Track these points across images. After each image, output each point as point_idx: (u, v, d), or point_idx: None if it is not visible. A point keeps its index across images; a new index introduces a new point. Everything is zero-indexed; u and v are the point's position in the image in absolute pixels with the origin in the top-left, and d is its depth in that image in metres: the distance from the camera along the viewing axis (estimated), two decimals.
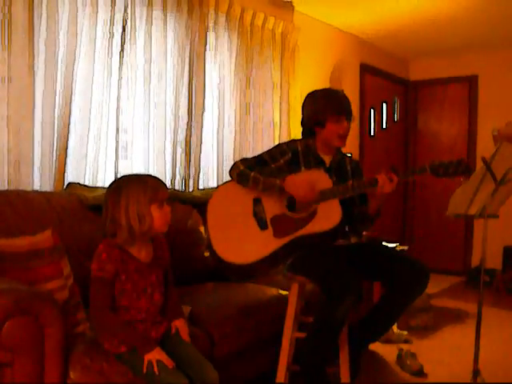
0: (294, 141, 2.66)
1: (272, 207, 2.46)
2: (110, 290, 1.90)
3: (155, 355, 1.83)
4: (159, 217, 1.94)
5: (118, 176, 2.87)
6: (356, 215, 2.58)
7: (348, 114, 2.53)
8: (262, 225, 2.45)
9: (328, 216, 2.38)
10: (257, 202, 2.48)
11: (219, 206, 2.53)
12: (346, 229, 2.58)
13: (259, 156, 2.58)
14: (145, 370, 1.81)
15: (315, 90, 2.66)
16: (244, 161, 2.53)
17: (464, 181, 2.40)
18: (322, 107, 2.53)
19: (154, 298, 1.98)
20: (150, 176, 2.03)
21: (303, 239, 2.41)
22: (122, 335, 1.89)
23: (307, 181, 2.39)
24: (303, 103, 2.64)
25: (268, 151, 2.61)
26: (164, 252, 2.10)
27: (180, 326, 2.04)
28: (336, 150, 2.64)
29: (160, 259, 2.06)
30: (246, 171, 2.45)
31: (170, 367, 1.82)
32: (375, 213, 2.53)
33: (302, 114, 2.64)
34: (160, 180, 2.02)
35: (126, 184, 1.94)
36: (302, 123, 2.66)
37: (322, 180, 2.43)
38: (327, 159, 2.60)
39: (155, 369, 1.80)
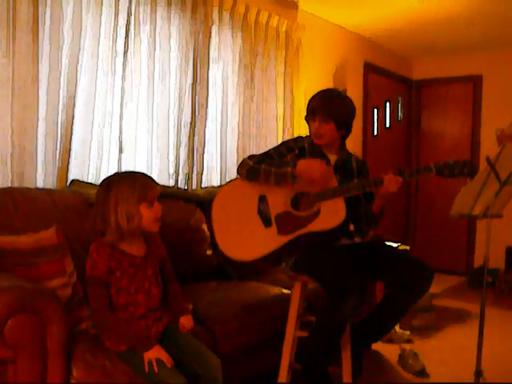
0: (300, 138, 2.66)
1: (277, 205, 2.46)
2: (106, 289, 1.91)
3: (155, 353, 1.84)
4: (149, 216, 1.96)
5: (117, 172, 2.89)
6: (362, 215, 2.58)
7: (318, 114, 2.51)
8: (267, 222, 2.46)
9: (332, 214, 2.38)
10: (262, 199, 2.49)
11: (224, 203, 2.55)
12: (351, 228, 2.58)
13: (266, 153, 2.60)
14: (146, 369, 1.82)
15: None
16: (252, 157, 2.54)
17: (469, 181, 2.40)
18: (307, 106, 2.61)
19: (151, 291, 2.00)
20: (140, 174, 2.03)
21: (307, 237, 2.41)
22: (121, 334, 1.90)
23: (319, 162, 2.40)
24: None
25: (274, 148, 2.63)
26: (158, 246, 2.11)
27: (185, 322, 2.05)
28: (340, 148, 2.64)
29: (154, 253, 2.07)
30: (256, 166, 2.46)
31: (168, 366, 1.82)
32: (379, 212, 2.53)
33: None
34: (150, 178, 2.03)
35: (115, 182, 1.96)
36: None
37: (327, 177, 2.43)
38: (332, 158, 2.60)
39: (155, 367, 1.81)
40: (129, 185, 1.93)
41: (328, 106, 2.53)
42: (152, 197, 1.96)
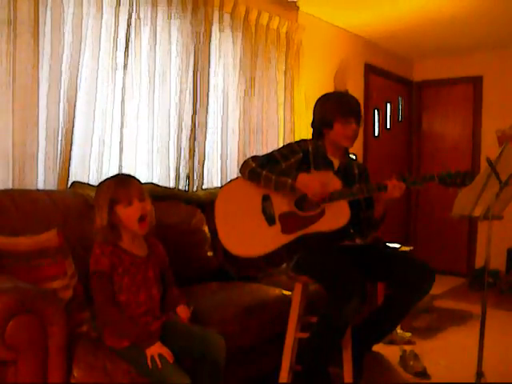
0: (304, 141, 2.67)
1: (281, 204, 2.47)
2: (110, 283, 1.94)
3: (156, 349, 1.86)
4: (127, 215, 1.98)
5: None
6: (362, 219, 2.58)
7: (357, 116, 2.54)
8: (271, 220, 2.46)
9: (336, 216, 2.39)
10: (266, 198, 2.50)
11: (228, 200, 2.55)
12: (351, 230, 2.58)
13: (270, 154, 2.59)
14: (150, 366, 1.83)
15: (326, 93, 2.70)
16: (255, 158, 2.53)
17: None
18: (331, 109, 2.56)
19: (152, 292, 2.03)
20: (120, 175, 2.11)
21: (310, 237, 2.41)
22: (124, 328, 1.92)
23: (319, 179, 2.40)
24: (314, 106, 2.66)
25: (279, 150, 2.62)
26: (159, 252, 2.14)
27: (181, 311, 2.08)
28: (344, 152, 2.65)
29: (155, 256, 2.10)
30: (258, 169, 2.46)
31: (170, 362, 1.84)
32: (381, 217, 2.54)
33: (313, 116, 2.66)
34: (129, 178, 2.06)
35: (98, 187, 2.06)
36: (312, 125, 2.68)
37: (332, 181, 2.43)
38: (336, 162, 2.62)
39: (158, 363, 1.82)
40: (105, 187, 2.01)
41: (359, 110, 2.58)
42: (126, 196, 1.97)
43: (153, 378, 1.85)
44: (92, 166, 2.92)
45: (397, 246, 4.06)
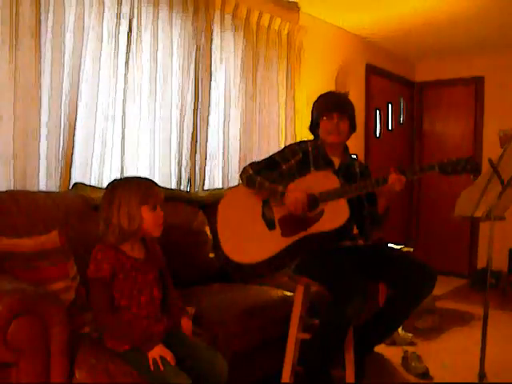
0: (304, 141, 2.68)
1: (280, 208, 2.47)
2: (109, 290, 1.93)
3: (158, 351, 1.85)
4: (151, 219, 1.98)
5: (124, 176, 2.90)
6: (366, 216, 2.58)
7: (338, 111, 2.54)
8: (270, 225, 2.46)
9: (335, 215, 2.39)
10: (265, 203, 2.50)
11: (229, 207, 2.56)
12: (354, 231, 2.57)
13: (270, 158, 2.61)
14: (152, 368, 1.82)
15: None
16: (253, 165, 2.55)
17: (473, 178, 2.38)
18: (316, 108, 2.63)
19: (153, 294, 2.02)
20: (144, 179, 2.08)
21: (311, 238, 2.41)
22: (124, 334, 1.91)
23: (305, 190, 2.38)
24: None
25: (279, 152, 2.64)
26: (157, 252, 2.14)
27: (184, 324, 2.08)
28: (344, 152, 2.65)
29: (154, 258, 2.09)
30: (253, 176, 2.48)
31: (172, 364, 1.83)
32: (383, 213, 2.54)
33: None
34: (154, 183, 2.06)
35: (121, 184, 2.00)
36: (309, 128, 2.71)
37: (329, 180, 2.43)
38: (336, 161, 2.61)
39: (160, 366, 1.82)
40: (133, 187, 1.97)
41: (343, 104, 2.59)
42: (155, 201, 1.99)
43: (154, 380, 1.85)
44: (94, 168, 2.92)
45: (398, 246, 4.05)
